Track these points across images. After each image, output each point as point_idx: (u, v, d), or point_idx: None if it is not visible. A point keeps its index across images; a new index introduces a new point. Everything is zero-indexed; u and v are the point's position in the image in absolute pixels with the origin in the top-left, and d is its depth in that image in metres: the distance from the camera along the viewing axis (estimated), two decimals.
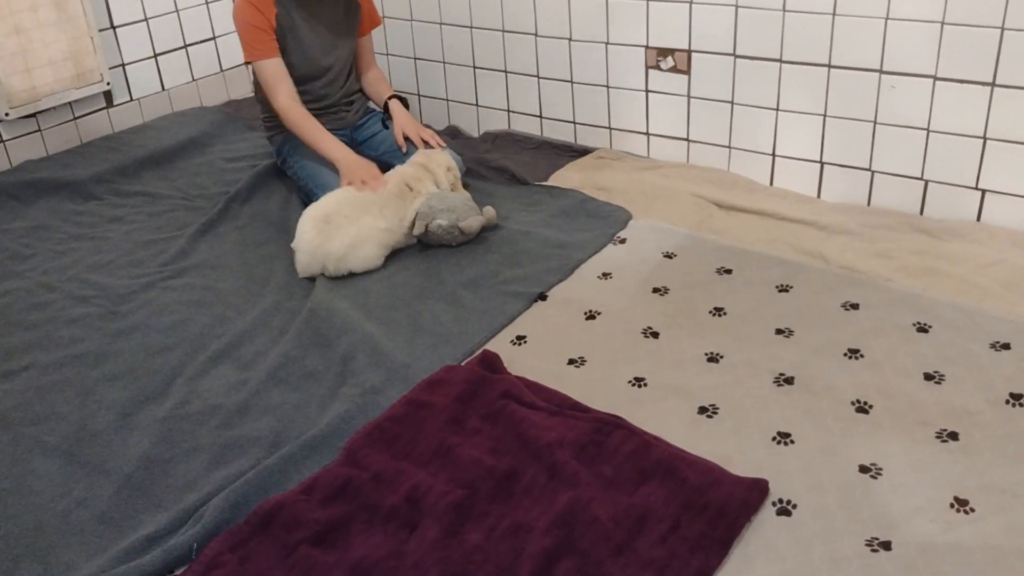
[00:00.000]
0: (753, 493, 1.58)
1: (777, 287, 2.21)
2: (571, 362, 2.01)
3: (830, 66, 2.51)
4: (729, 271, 2.29)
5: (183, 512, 1.64)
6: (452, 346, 2.07)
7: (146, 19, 3.47)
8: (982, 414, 1.75)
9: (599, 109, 3.03)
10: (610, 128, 3.04)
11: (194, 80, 3.69)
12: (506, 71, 3.19)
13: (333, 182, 2.64)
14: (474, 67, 3.27)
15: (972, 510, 1.54)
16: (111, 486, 1.73)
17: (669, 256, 2.38)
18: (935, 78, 2.36)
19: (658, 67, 2.83)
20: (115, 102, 3.45)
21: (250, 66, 2.83)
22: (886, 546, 1.49)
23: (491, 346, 2.07)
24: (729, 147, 2.80)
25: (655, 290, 2.24)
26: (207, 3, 3.67)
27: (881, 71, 2.44)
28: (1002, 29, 2.23)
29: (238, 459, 1.78)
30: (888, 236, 2.40)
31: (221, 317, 2.25)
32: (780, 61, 2.59)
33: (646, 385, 1.91)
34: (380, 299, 2.27)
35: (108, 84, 3.34)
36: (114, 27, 3.38)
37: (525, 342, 2.09)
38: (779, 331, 2.05)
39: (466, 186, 2.73)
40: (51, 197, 2.93)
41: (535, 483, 1.65)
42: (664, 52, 2.80)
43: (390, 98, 2.88)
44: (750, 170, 2.79)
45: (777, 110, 2.66)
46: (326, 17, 2.77)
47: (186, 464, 1.78)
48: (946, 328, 2.00)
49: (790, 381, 1.89)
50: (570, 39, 2.99)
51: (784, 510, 1.57)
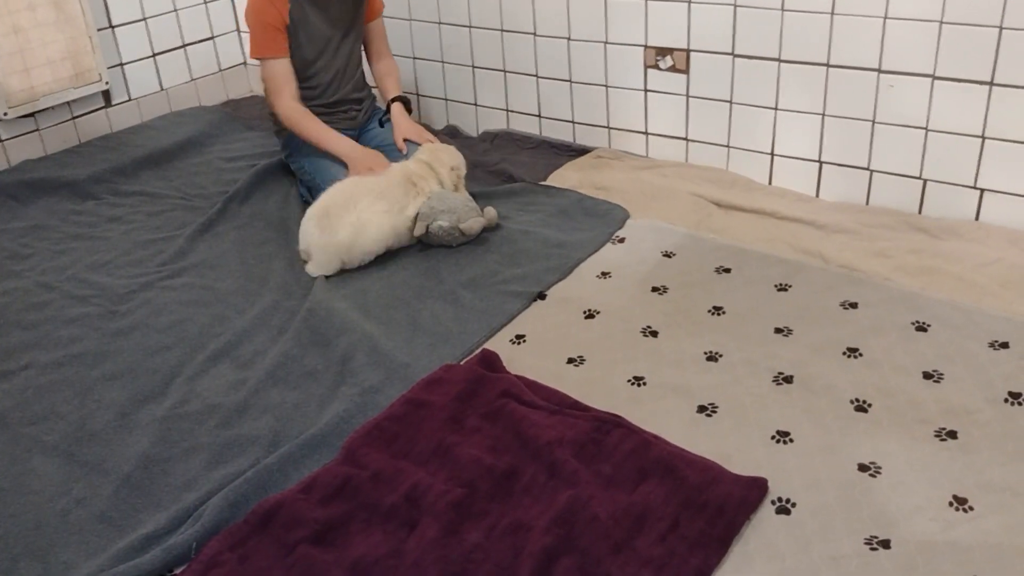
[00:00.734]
0: (752, 492, 1.58)
1: (776, 286, 2.21)
2: (570, 361, 2.01)
3: (829, 65, 2.51)
4: (728, 270, 2.29)
5: (182, 511, 1.64)
6: (451, 345, 2.07)
7: (144, 19, 3.47)
8: (981, 413, 1.76)
9: (598, 108, 3.03)
10: (609, 127, 3.04)
11: (193, 80, 3.69)
12: (505, 70, 3.19)
13: (341, 176, 2.64)
14: (473, 66, 3.27)
15: (971, 508, 1.55)
16: (110, 485, 1.73)
17: (668, 255, 2.38)
18: (933, 77, 2.37)
19: (657, 66, 2.84)
20: (113, 102, 3.44)
21: (256, 63, 2.82)
22: (885, 544, 1.49)
23: (490, 345, 2.07)
24: (728, 146, 2.81)
25: (654, 289, 2.24)
26: (206, 3, 3.67)
27: (880, 70, 2.44)
28: (1000, 28, 2.23)
29: (237, 458, 1.78)
30: (887, 235, 2.40)
31: (220, 317, 2.25)
32: (779, 60, 2.60)
33: (645, 384, 1.91)
34: (379, 298, 2.27)
35: (107, 84, 3.34)
36: (112, 27, 3.38)
37: (524, 341, 2.09)
38: (778, 330, 2.05)
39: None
40: (49, 197, 2.93)
41: (534, 482, 1.65)
42: (663, 51, 2.80)
43: (393, 100, 2.87)
44: (749, 169, 2.79)
45: (776, 109, 2.66)
46: (336, 10, 2.76)
47: (185, 463, 1.78)
48: (945, 327, 2.00)
49: (789, 380, 1.89)
50: (569, 38, 2.99)
51: (783, 509, 1.57)
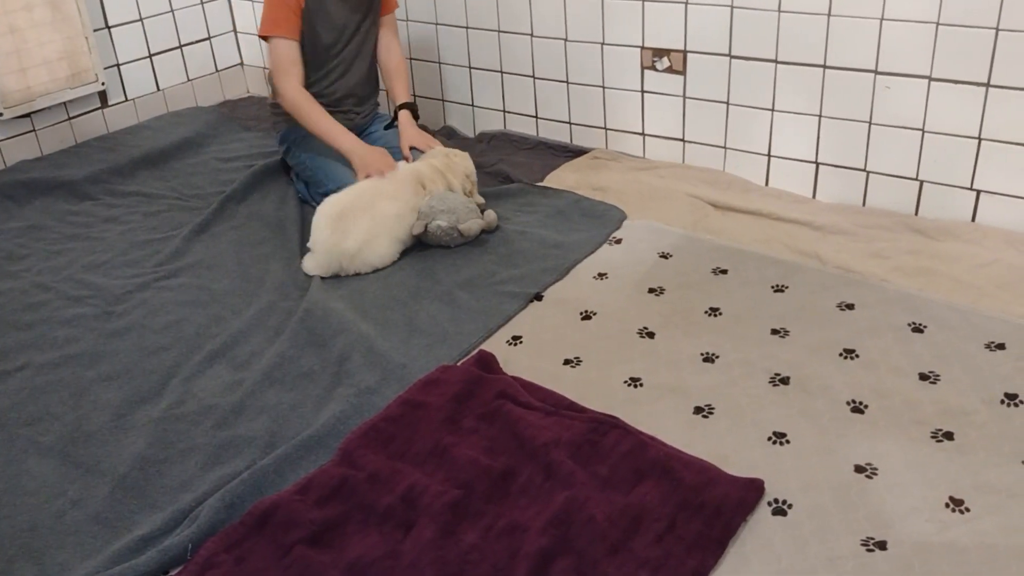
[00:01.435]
0: (749, 493, 1.58)
1: (773, 287, 2.21)
2: (567, 362, 2.01)
3: (825, 67, 2.52)
4: (725, 271, 2.29)
5: (178, 512, 1.64)
6: (448, 346, 2.07)
7: (141, 19, 3.47)
8: (977, 414, 1.76)
9: (595, 109, 3.03)
10: (606, 128, 3.04)
11: (189, 80, 3.69)
12: (502, 71, 3.19)
13: (341, 172, 2.63)
14: (470, 67, 3.27)
15: (967, 510, 1.55)
16: (106, 486, 1.73)
17: (665, 256, 2.38)
18: (930, 79, 2.37)
19: (654, 67, 2.84)
20: (110, 102, 3.44)
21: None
22: (881, 546, 1.49)
23: (487, 346, 2.07)
24: (725, 147, 2.81)
25: (651, 290, 2.25)
26: (202, 3, 3.67)
27: (876, 71, 2.44)
28: (997, 30, 2.23)
29: (233, 459, 1.78)
30: (883, 236, 2.40)
31: (216, 317, 2.25)
32: (775, 62, 2.60)
33: (642, 385, 1.91)
34: (376, 299, 2.27)
35: (103, 84, 3.34)
36: (109, 27, 3.38)
37: (521, 342, 2.09)
38: (775, 331, 2.05)
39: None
40: (46, 197, 2.93)
41: (531, 483, 1.65)
42: (660, 52, 2.81)
43: (400, 107, 2.83)
44: (746, 170, 2.79)
45: (772, 110, 2.66)
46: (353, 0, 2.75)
47: (181, 464, 1.78)
48: (941, 328, 2.01)
49: (786, 381, 1.89)
50: (566, 39, 2.99)
51: (780, 510, 1.57)
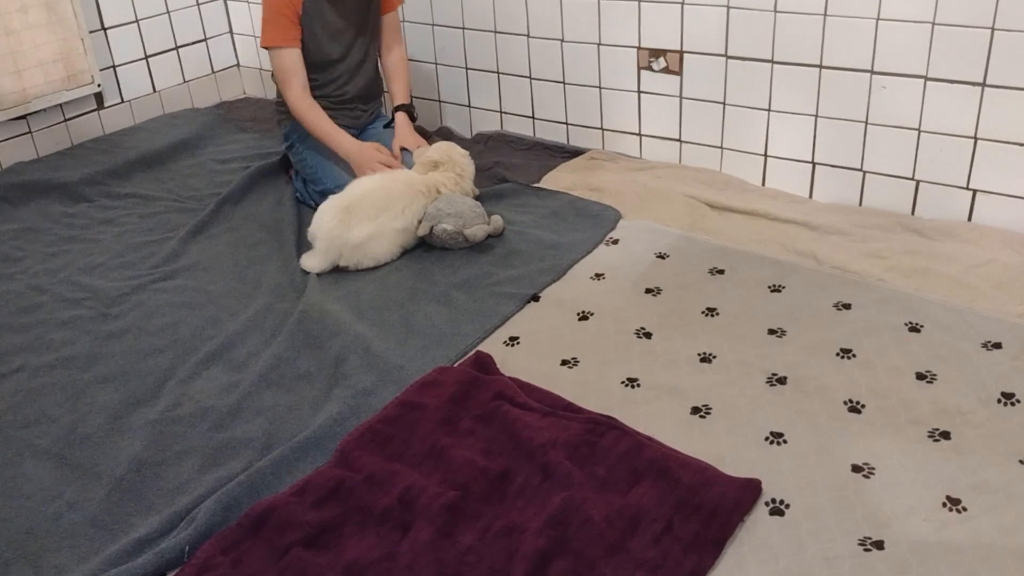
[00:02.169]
0: (746, 493, 1.58)
1: (769, 287, 2.21)
2: (564, 363, 2.01)
3: (821, 67, 2.52)
4: (722, 271, 2.29)
5: (175, 515, 1.64)
6: (445, 347, 2.06)
7: (137, 20, 3.47)
8: (974, 413, 1.76)
9: (591, 110, 3.03)
10: (602, 129, 3.04)
11: (185, 82, 3.68)
12: (498, 72, 3.19)
13: (341, 172, 2.64)
14: (466, 68, 3.27)
15: (964, 509, 1.55)
16: (102, 489, 1.73)
17: (662, 256, 2.38)
18: (926, 78, 2.37)
19: (650, 68, 2.84)
20: (106, 104, 3.44)
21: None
22: (879, 545, 1.49)
23: (484, 347, 2.07)
24: (721, 148, 2.81)
25: (648, 290, 2.25)
26: (198, 4, 3.66)
27: (872, 71, 2.44)
28: (992, 29, 2.24)
29: (230, 461, 1.77)
30: (880, 236, 2.40)
31: (213, 319, 2.25)
32: (771, 62, 2.60)
33: (639, 385, 1.91)
34: (373, 300, 2.27)
35: (99, 86, 3.33)
36: (105, 28, 3.37)
37: (518, 343, 2.09)
38: (772, 331, 2.05)
39: None
40: (41, 199, 2.93)
41: (528, 484, 1.64)
42: (656, 53, 2.81)
43: (398, 109, 2.83)
44: (742, 171, 2.79)
45: (769, 111, 2.66)
46: (351, 4, 2.74)
47: (178, 466, 1.78)
48: (938, 328, 2.01)
49: (783, 381, 1.89)
50: (562, 40, 2.99)
51: (777, 510, 1.57)
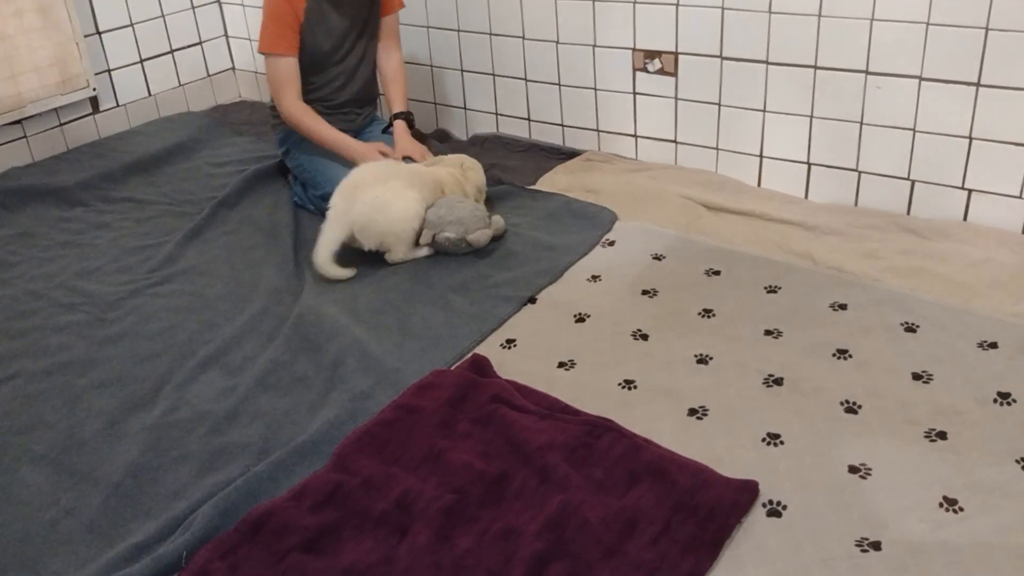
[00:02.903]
0: (743, 494, 1.58)
1: (765, 288, 2.21)
2: (561, 365, 2.01)
3: (816, 67, 2.52)
4: (718, 272, 2.29)
5: (172, 520, 1.64)
6: (442, 350, 2.06)
7: (132, 24, 3.46)
8: (970, 413, 1.76)
9: (587, 111, 3.03)
10: (598, 130, 3.04)
11: (181, 85, 3.68)
12: (494, 74, 3.19)
13: (338, 175, 2.63)
14: (462, 70, 3.27)
15: (961, 509, 1.55)
16: (99, 495, 1.72)
17: (658, 258, 2.38)
18: (920, 79, 2.37)
19: (645, 69, 2.84)
20: (101, 108, 3.43)
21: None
22: (876, 546, 1.49)
23: (481, 350, 2.07)
24: (717, 149, 2.81)
25: (644, 292, 2.25)
26: (193, 8, 3.66)
27: (867, 72, 2.45)
28: (986, 29, 2.24)
29: (227, 466, 1.77)
30: (875, 236, 2.41)
31: (209, 323, 2.24)
32: (766, 63, 2.60)
33: (636, 387, 1.91)
34: (369, 303, 2.27)
35: (94, 90, 3.33)
36: (100, 32, 3.37)
37: (515, 345, 2.09)
38: (768, 332, 2.05)
39: None
40: (37, 204, 2.92)
41: (526, 487, 1.64)
42: (651, 54, 2.81)
43: (396, 117, 2.82)
44: (738, 171, 2.79)
45: (764, 111, 2.67)
46: (353, 7, 2.74)
47: (175, 472, 1.77)
48: (934, 327, 2.01)
49: (779, 382, 1.89)
50: (557, 42, 2.99)
51: (774, 511, 1.57)
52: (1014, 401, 1.78)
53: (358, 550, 1.54)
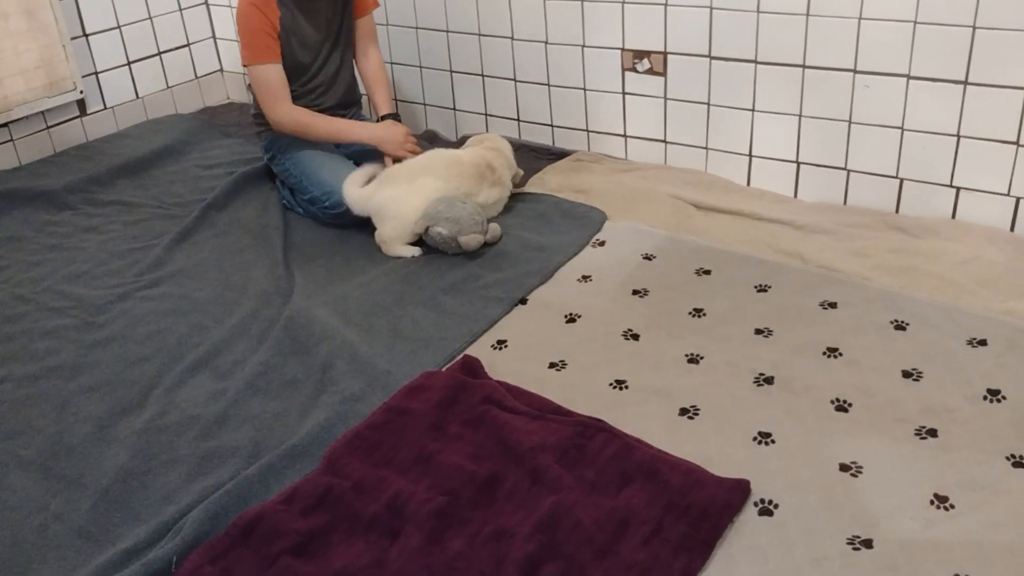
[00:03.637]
0: (735, 494, 1.58)
1: (756, 287, 2.22)
2: (552, 366, 2.00)
3: (805, 66, 2.53)
4: (708, 272, 2.30)
5: (162, 525, 1.63)
6: (432, 352, 2.06)
7: (119, 26, 3.45)
8: (960, 410, 1.77)
9: (576, 112, 3.03)
10: (588, 131, 3.04)
11: (169, 87, 3.67)
12: (483, 75, 3.19)
13: (326, 177, 2.63)
14: (451, 71, 3.26)
15: (952, 507, 1.55)
16: (88, 500, 1.71)
17: (648, 258, 2.38)
18: (908, 77, 2.38)
19: (634, 69, 2.84)
20: (89, 111, 3.42)
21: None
22: (867, 544, 1.49)
23: (472, 351, 2.06)
24: (706, 148, 2.81)
25: (635, 292, 2.25)
26: (181, 10, 3.65)
27: (855, 71, 2.45)
28: (974, 28, 2.25)
29: (217, 470, 1.76)
30: (865, 235, 2.41)
31: (198, 326, 2.23)
32: (755, 62, 2.61)
33: (627, 387, 1.91)
34: (359, 305, 2.26)
35: (81, 92, 3.31)
36: (86, 35, 3.35)
37: (506, 346, 2.08)
38: (758, 331, 2.06)
39: None
40: (24, 207, 2.90)
41: (517, 488, 1.64)
42: (640, 54, 2.81)
43: (383, 118, 2.81)
44: (727, 171, 2.80)
45: (753, 111, 2.67)
46: (325, 14, 2.73)
47: (164, 476, 1.76)
48: (923, 325, 2.01)
49: (770, 381, 1.89)
50: (546, 42, 2.99)
51: (766, 510, 1.57)
52: (1004, 398, 1.79)
53: (349, 553, 1.53)
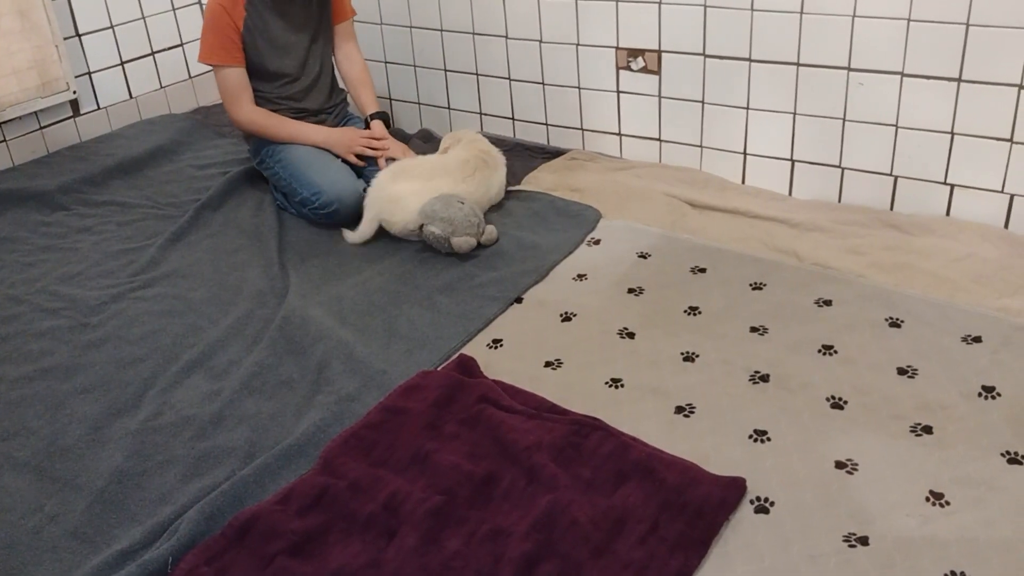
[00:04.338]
0: (731, 492, 1.58)
1: (751, 285, 2.22)
2: (548, 364, 2.00)
3: (799, 64, 2.53)
4: (703, 270, 2.30)
5: (158, 526, 1.62)
6: (428, 351, 2.06)
7: (112, 26, 3.43)
8: (955, 407, 1.77)
9: (571, 110, 3.03)
10: (582, 129, 3.04)
11: (162, 87, 3.65)
12: (477, 74, 3.19)
13: (318, 177, 2.63)
14: (445, 70, 3.26)
15: (947, 503, 1.56)
16: (83, 501, 1.71)
17: (643, 256, 2.38)
18: (902, 75, 2.39)
19: (629, 68, 2.84)
20: (82, 111, 3.40)
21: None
22: (863, 541, 1.50)
23: (467, 350, 2.06)
24: (701, 146, 2.81)
25: (630, 290, 2.25)
26: (174, 9, 3.64)
27: (849, 68, 2.46)
28: (967, 25, 2.25)
29: (213, 470, 1.76)
30: (859, 232, 2.42)
31: (193, 327, 2.23)
32: (749, 60, 2.61)
33: (623, 386, 1.91)
34: (355, 305, 2.26)
35: (74, 93, 3.30)
36: (79, 35, 3.34)
37: (501, 345, 2.08)
38: (754, 329, 2.06)
39: None
40: (18, 208, 2.89)
41: (514, 487, 1.64)
42: (634, 53, 2.81)
43: (372, 117, 2.83)
44: (722, 169, 2.80)
45: (747, 109, 2.67)
46: (298, 15, 2.73)
47: (160, 477, 1.76)
48: (918, 322, 2.02)
49: (765, 379, 1.89)
50: (540, 41, 2.99)
51: (762, 508, 1.58)
52: (999, 395, 1.79)
53: (346, 553, 1.53)
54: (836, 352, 1.96)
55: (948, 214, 2.46)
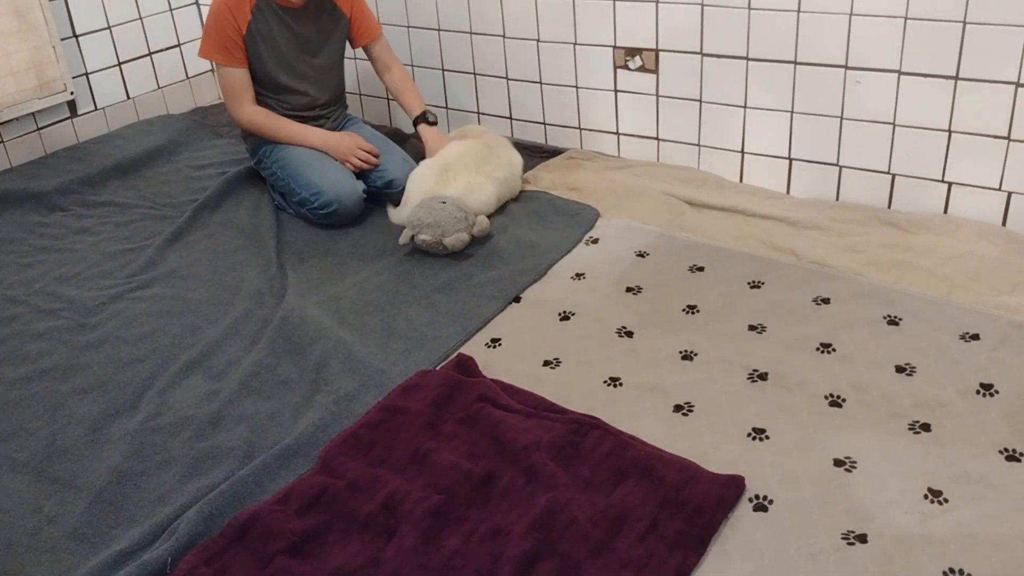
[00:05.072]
0: (730, 490, 1.58)
1: (749, 283, 2.22)
2: (546, 363, 2.00)
3: (796, 63, 2.53)
4: (701, 269, 2.30)
5: (156, 526, 1.62)
6: (427, 350, 2.06)
7: (109, 27, 3.43)
8: (953, 405, 1.77)
9: (569, 109, 3.03)
10: (580, 128, 3.04)
11: (160, 88, 3.65)
12: (475, 73, 3.19)
13: (316, 177, 2.63)
14: (443, 69, 3.26)
15: (946, 500, 1.56)
16: (82, 502, 1.71)
17: (641, 255, 2.39)
18: (899, 73, 2.39)
19: (626, 67, 2.84)
20: (79, 112, 3.40)
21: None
22: (862, 539, 1.50)
23: (466, 349, 2.06)
24: (698, 145, 2.82)
25: (628, 289, 2.25)
26: (171, 10, 3.64)
27: (846, 67, 2.46)
28: (964, 23, 2.25)
29: (212, 471, 1.76)
30: (857, 230, 2.42)
31: (192, 327, 2.23)
32: (747, 59, 2.61)
33: (621, 385, 1.91)
34: (353, 305, 2.26)
35: (72, 94, 3.30)
36: (76, 36, 3.34)
37: (500, 344, 2.08)
38: (752, 327, 2.06)
39: None
40: (15, 209, 2.89)
41: (513, 486, 1.64)
42: (632, 52, 2.81)
43: (415, 123, 2.84)
44: (720, 167, 2.80)
45: (745, 107, 2.67)
46: (305, 26, 2.72)
47: (159, 477, 1.76)
48: (916, 320, 2.02)
49: (764, 377, 1.89)
50: (538, 40, 2.99)
51: (761, 506, 1.58)
52: (996, 392, 1.79)
53: (345, 553, 1.53)
54: (834, 350, 1.96)
55: (946, 212, 2.46)
